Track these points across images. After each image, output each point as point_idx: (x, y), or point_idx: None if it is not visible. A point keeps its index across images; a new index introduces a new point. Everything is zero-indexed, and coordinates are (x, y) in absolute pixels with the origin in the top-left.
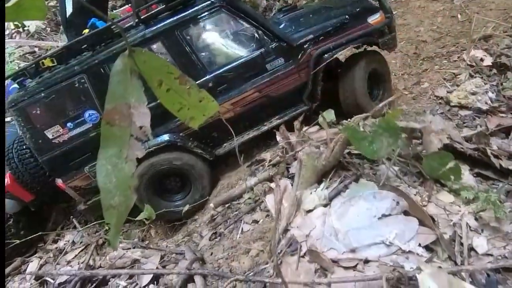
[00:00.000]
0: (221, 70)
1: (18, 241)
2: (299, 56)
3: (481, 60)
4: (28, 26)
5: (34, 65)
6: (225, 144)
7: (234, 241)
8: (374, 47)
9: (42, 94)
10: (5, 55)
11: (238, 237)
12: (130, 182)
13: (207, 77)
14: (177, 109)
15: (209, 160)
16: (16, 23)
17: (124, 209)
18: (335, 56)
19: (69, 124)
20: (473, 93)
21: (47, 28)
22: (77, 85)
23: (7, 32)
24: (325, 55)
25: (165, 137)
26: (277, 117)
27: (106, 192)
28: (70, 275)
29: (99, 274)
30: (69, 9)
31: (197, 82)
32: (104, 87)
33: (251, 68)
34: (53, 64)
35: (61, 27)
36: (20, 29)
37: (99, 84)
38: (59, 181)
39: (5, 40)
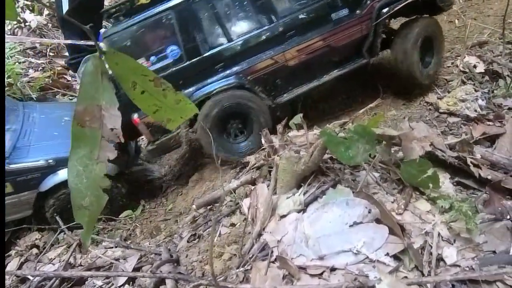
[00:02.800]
0: (290, 17)
1: None
2: (362, 8)
3: (474, 66)
4: (30, 22)
5: (128, 2)
6: (285, 94)
7: (210, 245)
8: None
9: (133, 27)
10: (6, 50)
11: (215, 240)
12: (101, 183)
13: (278, 21)
14: (153, 111)
15: (272, 107)
16: (18, 18)
17: (96, 209)
18: (395, 10)
19: (152, 58)
20: (463, 100)
21: (48, 24)
22: (164, 20)
23: (9, 27)
24: (386, 8)
25: (232, 79)
26: (337, 69)
27: (77, 192)
28: (43, 276)
29: (73, 276)
30: (65, 6)
31: (268, 27)
32: (189, 24)
33: (317, 17)
34: (147, 1)
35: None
36: (22, 25)
37: (183, 21)
38: (134, 116)
39: (6, 36)
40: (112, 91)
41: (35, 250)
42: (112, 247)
